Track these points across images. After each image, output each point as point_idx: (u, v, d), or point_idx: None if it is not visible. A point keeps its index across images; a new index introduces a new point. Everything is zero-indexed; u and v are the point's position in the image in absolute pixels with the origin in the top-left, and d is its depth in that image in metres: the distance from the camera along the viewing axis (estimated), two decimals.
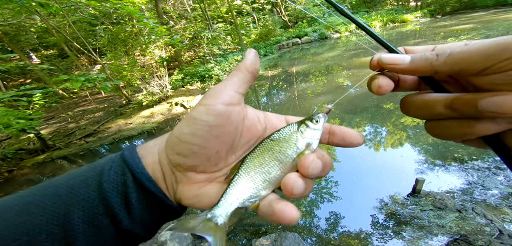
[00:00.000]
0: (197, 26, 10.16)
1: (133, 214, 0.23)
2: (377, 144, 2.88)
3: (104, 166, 0.23)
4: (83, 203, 0.21)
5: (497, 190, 1.89)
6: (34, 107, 4.30)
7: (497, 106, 0.17)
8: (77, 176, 0.23)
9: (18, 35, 10.11)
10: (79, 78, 3.88)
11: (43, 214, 0.20)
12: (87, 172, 0.23)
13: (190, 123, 0.23)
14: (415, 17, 12.77)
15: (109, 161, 0.24)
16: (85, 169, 0.24)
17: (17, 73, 8.59)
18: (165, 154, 0.24)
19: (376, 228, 1.80)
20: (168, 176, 0.25)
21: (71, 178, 0.23)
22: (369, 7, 16.31)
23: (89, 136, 5.03)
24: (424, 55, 0.21)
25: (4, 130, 3.40)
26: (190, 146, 0.23)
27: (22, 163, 4.36)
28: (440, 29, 9.07)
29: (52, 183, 0.22)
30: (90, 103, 7.86)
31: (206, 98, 0.24)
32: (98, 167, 0.24)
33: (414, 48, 0.24)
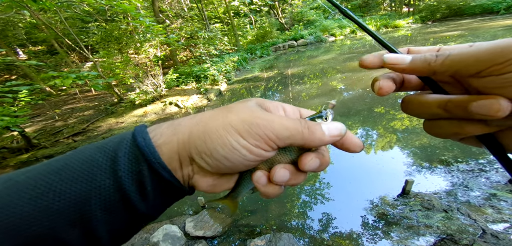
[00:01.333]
0: (194, 26, 10.09)
1: (148, 200, 0.23)
2: (369, 146, 2.93)
3: (116, 151, 0.22)
4: (100, 190, 0.21)
5: (480, 191, 1.95)
6: (20, 104, 4.15)
7: (485, 109, 0.18)
8: (89, 159, 0.22)
9: (5, 30, 9.75)
10: (69, 75, 3.77)
11: (60, 199, 0.20)
12: (99, 156, 0.22)
13: (227, 149, 0.22)
14: (407, 23, 13.16)
15: (120, 145, 0.23)
16: (94, 151, 0.22)
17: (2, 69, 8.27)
18: (188, 150, 0.23)
19: (367, 228, 1.83)
20: (185, 166, 0.24)
21: (83, 160, 0.22)
22: (363, 12, 16.67)
23: (77, 134, 4.89)
24: (423, 56, 0.21)
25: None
26: (220, 164, 0.23)
27: (5, 162, 4.17)
28: (430, 35, 9.37)
29: (63, 165, 0.21)
30: (79, 101, 7.65)
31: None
32: (110, 151, 0.22)
33: (419, 48, 0.24)
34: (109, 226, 0.22)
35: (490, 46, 0.18)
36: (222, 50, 9.83)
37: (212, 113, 0.25)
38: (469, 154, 2.39)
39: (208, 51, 8.75)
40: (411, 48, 0.25)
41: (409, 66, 0.22)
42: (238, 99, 0.28)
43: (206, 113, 0.25)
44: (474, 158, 2.32)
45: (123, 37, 6.24)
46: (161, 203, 0.25)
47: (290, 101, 4.89)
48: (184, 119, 0.25)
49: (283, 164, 0.25)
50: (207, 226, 2.03)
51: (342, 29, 13.07)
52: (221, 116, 0.24)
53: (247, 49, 11.27)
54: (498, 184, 1.99)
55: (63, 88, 8.55)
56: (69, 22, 6.69)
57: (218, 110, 0.25)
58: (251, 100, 0.26)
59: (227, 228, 2.02)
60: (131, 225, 0.24)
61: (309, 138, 0.23)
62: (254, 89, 6.45)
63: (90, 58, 5.85)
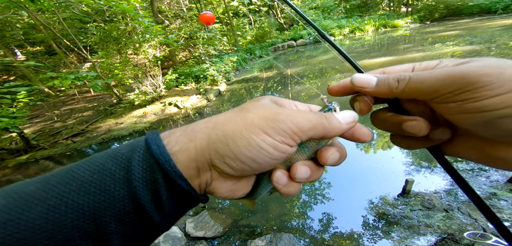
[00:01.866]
0: (193, 26, 10.07)
1: (164, 210, 0.22)
2: (369, 146, 2.94)
3: (130, 160, 0.21)
4: (114, 201, 0.20)
5: (480, 191, 1.95)
6: (18, 105, 4.12)
7: (410, 128, 0.22)
8: (101, 169, 0.21)
9: (3, 30, 9.70)
10: (68, 76, 3.76)
11: (73, 211, 0.19)
12: (111, 165, 0.21)
13: (254, 150, 0.22)
14: (405, 23, 13.20)
15: (134, 153, 0.22)
16: (105, 160, 0.22)
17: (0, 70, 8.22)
18: (208, 156, 0.22)
19: (368, 228, 1.83)
20: (203, 173, 0.23)
21: (94, 170, 0.21)
22: (362, 12, 16.71)
23: (76, 135, 4.87)
24: (387, 81, 0.23)
25: None
26: (246, 166, 0.23)
27: (3, 163, 4.14)
28: (429, 35, 9.40)
29: (72, 175, 0.20)
30: (78, 102, 7.62)
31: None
32: (122, 160, 0.21)
33: (391, 68, 0.25)
34: (123, 238, 0.21)
35: (442, 75, 0.19)
36: (221, 51, 9.82)
37: (228, 116, 0.24)
38: None
39: (207, 51, 8.74)
40: (387, 69, 0.26)
41: (374, 90, 0.23)
42: (238, 100, 0.28)
43: (220, 116, 0.24)
44: None
45: (122, 38, 6.22)
46: (175, 212, 0.24)
47: None
48: (198, 124, 0.24)
49: (302, 161, 0.25)
50: (207, 227, 2.02)
51: (341, 29, 13.10)
52: (240, 118, 0.23)
53: (246, 49, 11.27)
54: (498, 183, 1.99)
55: (61, 89, 8.51)
56: (67, 23, 6.65)
57: (234, 112, 0.25)
58: (264, 98, 0.26)
59: (227, 229, 2.02)
60: (145, 237, 0.23)
61: (329, 127, 0.23)
62: (253, 90, 6.45)
63: (88, 59, 5.82)
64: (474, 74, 0.18)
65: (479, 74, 0.18)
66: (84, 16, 8.05)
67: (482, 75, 0.17)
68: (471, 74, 0.18)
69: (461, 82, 0.18)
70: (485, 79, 0.17)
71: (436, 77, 0.19)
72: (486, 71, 0.17)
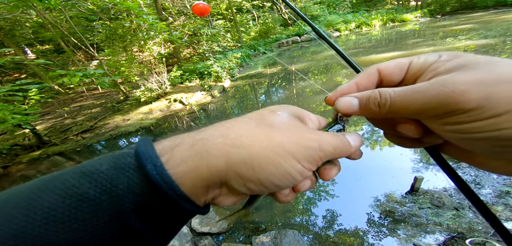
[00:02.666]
0: (197, 22, 10.07)
1: (164, 233, 0.20)
2: (376, 143, 2.90)
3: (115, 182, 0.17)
4: (98, 232, 0.16)
5: (492, 189, 1.91)
6: (30, 102, 4.25)
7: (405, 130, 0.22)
8: (74, 192, 0.17)
9: (13, 30, 9.96)
10: (77, 74, 3.84)
11: None
12: (87, 187, 0.17)
13: (281, 176, 0.20)
14: (415, 17, 12.79)
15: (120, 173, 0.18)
16: (79, 178, 0.17)
17: (12, 68, 8.48)
18: (224, 177, 0.20)
19: (374, 226, 1.81)
20: (212, 192, 0.21)
21: (65, 194, 0.16)
22: (369, 6, 16.29)
23: (86, 131, 4.98)
24: (369, 105, 0.22)
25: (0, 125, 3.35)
26: (266, 189, 0.21)
27: (18, 159, 4.29)
28: (440, 29, 9.09)
29: (35, 202, 0.16)
30: (86, 99, 7.79)
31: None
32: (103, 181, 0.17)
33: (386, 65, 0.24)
34: None
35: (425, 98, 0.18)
36: (225, 47, 9.79)
37: (249, 130, 0.21)
38: None
39: (211, 48, 8.74)
40: (381, 66, 0.24)
41: (360, 112, 0.23)
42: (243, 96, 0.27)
43: (236, 126, 0.22)
44: None
45: (127, 35, 6.29)
46: (177, 229, 0.22)
47: (294, 98, 4.85)
48: (210, 137, 0.20)
49: None
50: (212, 222, 2.05)
51: (347, 24, 12.83)
52: (265, 137, 0.21)
53: (250, 45, 11.21)
54: (511, 182, 1.93)
55: (71, 87, 8.70)
56: (74, 21, 6.78)
57: (254, 125, 0.22)
58: (284, 110, 0.25)
59: (232, 225, 2.03)
60: None
61: (343, 150, 0.23)
62: (257, 86, 6.42)
63: (95, 57, 5.92)
64: (457, 98, 0.17)
65: (462, 100, 0.16)
66: (90, 14, 8.17)
67: (465, 101, 0.16)
68: (453, 97, 0.17)
69: (444, 106, 0.17)
70: (469, 105, 0.16)
71: (419, 99, 0.18)
72: (469, 97, 0.16)
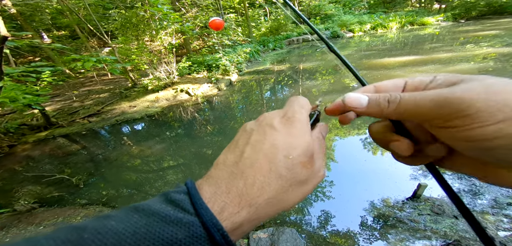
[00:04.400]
0: (209, 15, 10.06)
1: None
2: (377, 149, 2.82)
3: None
4: None
5: (495, 200, 1.90)
6: (42, 84, 4.38)
7: (397, 148, 0.23)
8: None
9: (33, 15, 10.35)
10: (90, 59, 3.94)
11: None
12: None
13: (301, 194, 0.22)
14: (436, 21, 12.17)
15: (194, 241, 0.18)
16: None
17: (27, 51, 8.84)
18: (255, 224, 0.21)
19: (369, 229, 1.81)
20: None
21: None
22: (387, 8, 15.67)
23: (92, 115, 5.11)
24: (378, 101, 0.21)
25: (10, 104, 3.47)
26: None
27: (24, 138, 4.42)
28: (461, 34, 8.59)
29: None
30: (96, 84, 8.00)
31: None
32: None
33: (382, 84, 0.24)
34: None
35: (432, 100, 0.18)
36: (235, 41, 9.74)
37: (264, 178, 0.20)
38: None
39: (221, 41, 8.71)
40: (377, 85, 0.24)
41: (365, 110, 0.22)
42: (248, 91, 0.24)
43: (258, 174, 0.20)
44: None
45: (140, 24, 6.35)
46: None
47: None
48: (260, 205, 0.20)
49: None
50: None
51: (361, 25, 12.40)
52: (276, 185, 0.21)
53: (260, 41, 11.08)
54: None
55: (81, 71, 8.97)
56: (91, 9, 6.93)
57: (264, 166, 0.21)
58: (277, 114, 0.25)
59: None
60: None
61: None
62: (263, 82, 6.33)
63: (109, 44, 6.04)
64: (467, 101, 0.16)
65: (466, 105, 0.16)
66: (107, 3, 8.33)
67: (468, 106, 0.16)
68: (458, 101, 0.17)
69: (448, 110, 0.17)
70: (471, 111, 0.16)
71: (426, 101, 0.18)
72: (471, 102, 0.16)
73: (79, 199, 2.65)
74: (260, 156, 0.21)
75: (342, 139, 3.19)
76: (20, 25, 7.78)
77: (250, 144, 0.22)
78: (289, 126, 0.23)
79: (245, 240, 1.78)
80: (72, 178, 2.97)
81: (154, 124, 4.59)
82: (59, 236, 0.16)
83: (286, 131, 0.22)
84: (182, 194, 0.19)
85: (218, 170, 0.21)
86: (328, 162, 2.73)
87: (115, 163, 3.35)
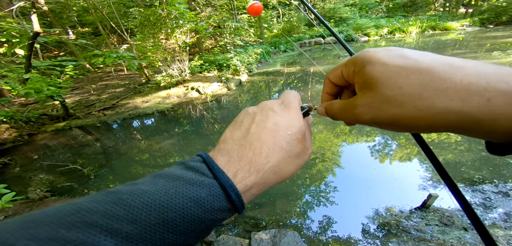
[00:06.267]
0: (222, 15, 10.20)
1: None
2: (387, 156, 2.74)
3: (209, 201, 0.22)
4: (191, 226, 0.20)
5: (507, 213, 1.81)
6: (64, 77, 4.67)
7: (320, 112, 0.29)
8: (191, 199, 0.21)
9: (62, 12, 11.09)
10: (111, 55, 4.15)
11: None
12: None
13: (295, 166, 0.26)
14: (461, 25, 11.43)
15: (214, 200, 0.22)
16: (205, 217, 0.21)
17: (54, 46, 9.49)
18: (261, 189, 0.25)
19: (371, 237, 1.77)
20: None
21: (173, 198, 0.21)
22: (407, 12, 14.98)
23: (107, 109, 5.37)
24: (323, 112, 0.28)
25: (35, 95, 3.72)
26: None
27: (43, 128, 4.69)
28: (488, 40, 8.00)
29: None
30: (113, 79, 8.40)
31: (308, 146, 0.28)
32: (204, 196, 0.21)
33: (333, 74, 0.28)
34: None
35: (338, 107, 0.26)
36: (247, 42, 9.79)
37: (268, 147, 0.25)
38: (496, 175, 2.21)
39: (233, 41, 8.79)
40: (329, 77, 0.29)
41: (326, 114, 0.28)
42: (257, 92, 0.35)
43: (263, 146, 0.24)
44: (502, 179, 2.15)
45: (158, 23, 6.59)
46: None
47: (308, 100, 4.65)
48: (256, 160, 0.24)
49: None
50: None
51: (378, 29, 11.96)
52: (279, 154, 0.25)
53: (272, 42, 11.05)
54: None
55: (100, 66, 9.46)
56: (114, 6, 7.30)
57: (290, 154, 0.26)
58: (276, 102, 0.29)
59: (233, 218, 2.05)
60: None
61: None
62: (272, 84, 6.31)
63: (127, 41, 6.31)
64: (357, 118, 0.23)
65: (360, 119, 0.23)
66: (129, 1, 8.71)
67: (362, 119, 0.23)
68: (355, 117, 0.23)
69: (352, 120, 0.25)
70: (365, 119, 0.23)
71: (337, 110, 0.27)
72: (363, 117, 0.22)
73: (87, 190, 2.77)
74: (264, 132, 0.25)
75: (350, 145, 3.09)
76: (50, 21, 8.38)
77: (255, 122, 0.26)
78: (286, 110, 0.27)
79: (247, 240, 1.77)
80: (84, 168, 3.12)
81: (164, 120, 4.73)
82: (99, 199, 0.19)
83: (284, 114, 0.26)
84: (198, 162, 0.23)
85: (228, 143, 0.25)
86: (334, 167, 2.66)
87: (125, 156, 3.49)
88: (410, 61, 0.19)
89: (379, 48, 0.22)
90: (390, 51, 0.21)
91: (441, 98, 0.17)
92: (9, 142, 4.14)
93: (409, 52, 0.20)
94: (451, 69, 0.17)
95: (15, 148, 4.07)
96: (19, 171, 3.38)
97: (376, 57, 0.21)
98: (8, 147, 4.05)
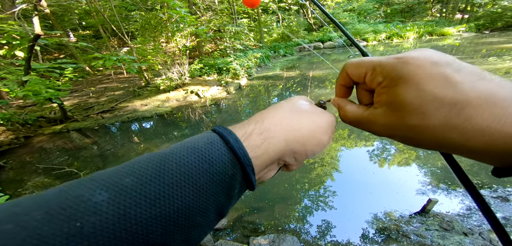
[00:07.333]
0: (222, 19, 10.29)
1: (232, 203, 0.24)
2: (385, 161, 2.74)
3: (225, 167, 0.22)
4: (200, 196, 0.20)
5: (507, 218, 1.82)
6: (64, 79, 4.65)
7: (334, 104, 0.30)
8: (186, 162, 0.21)
9: (64, 15, 11.15)
10: (111, 58, 4.16)
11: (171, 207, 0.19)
12: (193, 159, 0.21)
13: (320, 147, 0.27)
14: (457, 31, 11.59)
15: (226, 163, 0.22)
16: (201, 166, 0.21)
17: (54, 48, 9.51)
18: (283, 156, 0.25)
19: (371, 242, 1.77)
20: (268, 168, 0.26)
21: (180, 164, 0.20)
22: (405, 17, 15.19)
23: (105, 112, 5.34)
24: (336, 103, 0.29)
25: (33, 97, 3.70)
26: (307, 158, 0.27)
27: (40, 130, 4.61)
28: (484, 46, 8.11)
29: (164, 168, 0.20)
30: (112, 82, 8.39)
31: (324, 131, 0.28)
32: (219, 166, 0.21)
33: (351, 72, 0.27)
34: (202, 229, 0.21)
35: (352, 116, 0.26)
36: (246, 46, 9.86)
37: (294, 117, 0.26)
38: (496, 181, 2.21)
39: (233, 45, 8.85)
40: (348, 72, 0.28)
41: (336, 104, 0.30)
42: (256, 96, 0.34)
43: (284, 114, 0.27)
44: (501, 184, 2.16)
45: (159, 26, 6.63)
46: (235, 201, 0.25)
47: None
48: (270, 127, 0.25)
49: None
50: None
51: (376, 34, 12.10)
52: (310, 121, 0.27)
53: (271, 47, 11.13)
54: None
55: (100, 69, 9.47)
56: (116, 10, 7.35)
57: (295, 113, 0.27)
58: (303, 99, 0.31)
59: (232, 222, 2.04)
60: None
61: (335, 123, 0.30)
62: (271, 88, 6.33)
63: (128, 44, 6.34)
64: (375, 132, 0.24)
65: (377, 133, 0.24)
66: (130, 5, 8.78)
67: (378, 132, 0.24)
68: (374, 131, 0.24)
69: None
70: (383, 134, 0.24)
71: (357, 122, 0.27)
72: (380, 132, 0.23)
73: None
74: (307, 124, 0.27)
75: (349, 149, 3.09)
76: (52, 24, 8.40)
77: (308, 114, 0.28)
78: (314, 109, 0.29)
79: (245, 245, 1.76)
80: (81, 172, 3.09)
81: (162, 123, 4.71)
82: (136, 163, 0.19)
83: (316, 112, 0.28)
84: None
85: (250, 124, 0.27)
86: (332, 172, 2.65)
87: (122, 159, 3.46)
88: (454, 93, 0.16)
89: (422, 56, 0.18)
90: (435, 66, 0.17)
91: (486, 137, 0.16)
92: (5, 145, 4.09)
93: (457, 76, 0.17)
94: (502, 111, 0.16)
95: (11, 150, 4.01)
96: (14, 174, 3.34)
97: (414, 78, 0.18)
98: (4, 149, 4.00)
